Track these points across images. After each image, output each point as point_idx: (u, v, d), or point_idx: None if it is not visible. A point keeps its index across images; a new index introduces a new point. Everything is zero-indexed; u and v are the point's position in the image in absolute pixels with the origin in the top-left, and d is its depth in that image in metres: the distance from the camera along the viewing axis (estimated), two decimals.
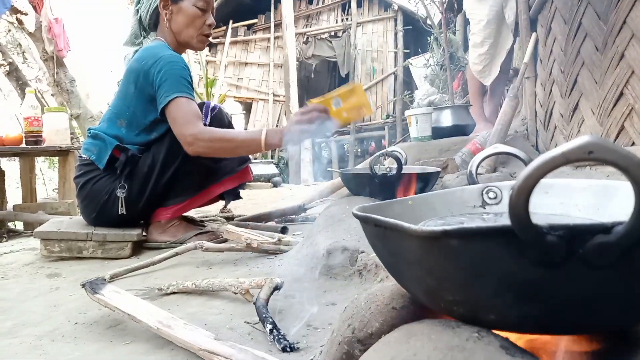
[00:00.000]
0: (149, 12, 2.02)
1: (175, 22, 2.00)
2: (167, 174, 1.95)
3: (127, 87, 1.95)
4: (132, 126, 1.98)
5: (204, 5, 2.00)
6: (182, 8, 1.98)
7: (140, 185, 1.94)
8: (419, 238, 0.52)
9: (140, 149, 1.98)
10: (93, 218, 2.01)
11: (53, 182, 10.10)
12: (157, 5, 1.99)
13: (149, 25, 2.08)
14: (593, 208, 0.77)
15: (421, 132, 3.45)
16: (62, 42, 6.79)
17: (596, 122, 1.94)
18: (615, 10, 1.74)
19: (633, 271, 0.46)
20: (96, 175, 1.97)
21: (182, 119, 1.82)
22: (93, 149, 1.99)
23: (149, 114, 1.94)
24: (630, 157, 0.40)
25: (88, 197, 1.98)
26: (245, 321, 1.08)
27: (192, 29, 2.01)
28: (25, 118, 3.10)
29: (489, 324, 0.54)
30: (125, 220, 1.97)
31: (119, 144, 1.93)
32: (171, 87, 1.84)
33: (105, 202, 1.95)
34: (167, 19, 1.99)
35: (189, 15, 1.98)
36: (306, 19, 12.15)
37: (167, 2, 1.98)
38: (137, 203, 1.96)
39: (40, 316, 1.27)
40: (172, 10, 1.99)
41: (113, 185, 1.94)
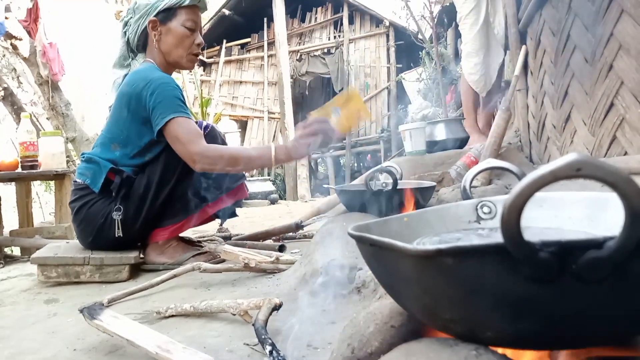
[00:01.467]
0: (137, 33, 2.02)
1: (164, 42, 2.00)
2: (162, 194, 1.95)
3: (120, 112, 1.95)
4: (126, 149, 1.97)
5: (192, 25, 2.01)
6: (171, 29, 1.99)
7: (136, 206, 1.94)
8: (413, 257, 0.53)
9: (135, 171, 1.98)
10: (90, 242, 1.99)
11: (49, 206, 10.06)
12: (146, 26, 2.00)
13: (137, 46, 2.07)
14: (587, 220, 0.77)
15: (415, 146, 3.47)
16: (57, 66, 6.82)
17: (588, 132, 1.96)
18: (603, 22, 1.76)
19: (626, 285, 0.47)
20: (91, 199, 1.97)
21: (185, 138, 1.82)
22: (87, 173, 1.99)
23: (143, 136, 1.94)
24: (618, 173, 0.41)
25: (84, 221, 1.97)
26: (244, 343, 1.08)
27: (182, 49, 2.02)
28: (21, 143, 3.10)
29: (486, 341, 0.54)
30: (123, 242, 1.96)
31: (113, 166, 1.93)
32: (166, 108, 1.84)
33: (102, 225, 1.94)
34: (156, 40, 2.00)
35: (178, 35, 1.99)
36: (299, 37, 12.26)
37: (155, 24, 1.98)
38: (134, 224, 1.95)
39: (39, 343, 1.26)
40: (161, 31, 1.99)
41: (109, 208, 1.94)
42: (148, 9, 1.98)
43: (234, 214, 2.33)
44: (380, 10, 11.46)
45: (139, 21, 2.00)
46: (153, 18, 1.98)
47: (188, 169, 1.91)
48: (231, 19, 11.94)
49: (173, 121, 1.83)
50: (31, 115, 4.49)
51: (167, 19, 1.99)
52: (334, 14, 11.95)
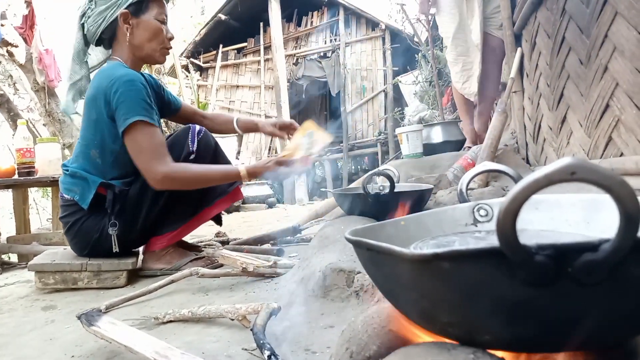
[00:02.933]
0: (102, 26, 1.90)
1: (136, 36, 1.92)
2: (158, 204, 1.93)
3: (89, 115, 1.87)
4: (105, 154, 1.88)
5: (164, 18, 1.96)
6: (143, 21, 1.92)
7: (131, 219, 1.91)
8: (410, 261, 0.53)
9: (125, 182, 1.91)
10: (86, 254, 1.97)
11: (47, 212, 10.04)
12: (115, 19, 1.89)
13: (101, 40, 1.97)
14: (583, 222, 0.78)
15: (412, 149, 3.48)
16: (53, 73, 6.82)
17: (584, 134, 1.97)
18: (597, 24, 1.77)
19: (622, 287, 0.47)
20: (83, 215, 1.91)
21: (149, 150, 1.75)
22: (75, 189, 1.91)
23: (116, 139, 1.84)
24: (612, 177, 0.41)
25: (78, 236, 1.93)
26: (242, 348, 1.08)
27: (155, 42, 1.95)
28: (18, 149, 3.09)
29: (484, 345, 0.54)
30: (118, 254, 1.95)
31: (103, 180, 1.87)
32: (130, 108, 1.75)
33: (97, 239, 1.91)
34: (128, 33, 1.91)
35: (152, 29, 1.93)
36: (295, 41, 12.27)
37: (127, 16, 1.89)
38: (130, 237, 1.94)
39: (37, 350, 1.26)
40: (133, 24, 1.91)
41: (103, 222, 1.89)
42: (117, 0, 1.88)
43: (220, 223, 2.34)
44: (376, 14, 11.50)
45: (105, 12, 1.89)
46: (124, 10, 1.88)
47: None
48: (227, 24, 11.95)
49: (135, 126, 1.75)
50: (28, 121, 4.48)
51: (138, 12, 1.91)
52: (330, 17, 11.97)
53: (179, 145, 1.96)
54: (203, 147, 1.99)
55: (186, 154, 1.94)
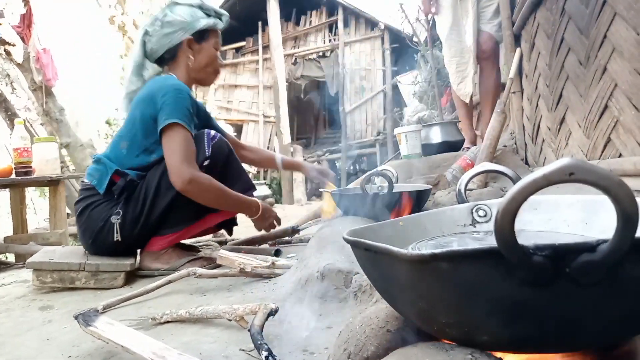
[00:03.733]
0: (166, 47, 2.06)
1: (197, 61, 2.10)
2: (163, 202, 1.93)
3: (133, 114, 2.00)
4: (133, 147, 1.99)
5: (219, 47, 2.18)
6: (205, 48, 2.10)
7: (135, 212, 1.93)
8: (408, 262, 0.53)
9: (139, 175, 1.98)
10: (90, 244, 1.99)
11: (44, 212, 10.03)
12: (180, 42, 2.05)
13: (161, 58, 2.11)
14: (581, 223, 0.78)
15: (411, 149, 3.48)
16: (51, 72, 6.82)
17: (583, 134, 1.97)
18: (596, 25, 1.77)
19: (620, 288, 0.47)
20: (95, 201, 1.98)
21: (183, 152, 1.84)
22: (95, 174, 2.01)
23: (149, 135, 1.96)
24: (610, 178, 0.41)
25: (85, 222, 1.98)
26: (240, 349, 1.07)
27: (211, 67, 2.15)
28: (15, 149, 3.08)
29: (482, 345, 0.54)
30: (121, 247, 1.96)
31: (118, 168, 1.95)
32: (173, 111, 1.87)
33: (101, 228, 1.94)
34: (192, 57, 2.08)
35: (210, 56, 2.12)
36: (294, 41, 12.28)
37: (191, 42, 2.06)
38: (133, 230, 1.94)
39: (34, 350, 1.25)
40: (195, 50, 2.08)
41: (110, 212, 1.94)
42: (185, 25, 2.04)
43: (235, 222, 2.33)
44: (375, 14, 11.52)
45: (172, 36, 2.04)
46: (190, 37, 2.05)
47: None
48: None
49: (175, 127, 1.86)
50: (25, 121, 4.48)
51: (201, 39, 2.09)
52: (329, 17, 11.99)
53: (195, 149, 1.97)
54: (216, 152, 1.99)
55: (202, 158, 1.94)
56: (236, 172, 2.08)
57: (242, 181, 2.10)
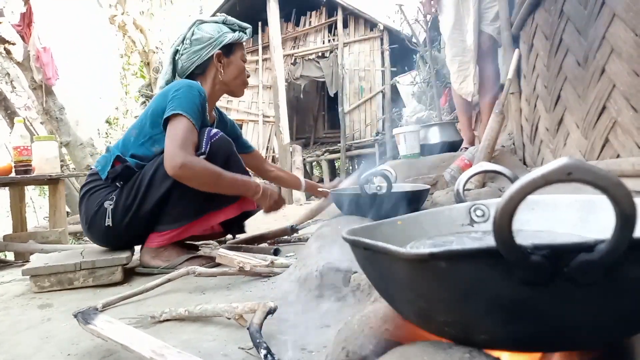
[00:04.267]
0: (195, 63, 2.16)
1: (226, 74, 2.20)
2: (156, 194, 1.94)
3: (149, 106, 2.07)
4: (140, 135, 2.06)
5: (245, 59, 2.29)
6: (233, 62, 2.21)
7: (128, 199, 1.95)
8: (407, 261, 0.53)
9: (139, 164, 2.02)
10: (87, 229, 2.05)
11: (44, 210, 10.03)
12: (209, 57, 2.15)
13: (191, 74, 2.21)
14: (579, 223, 0.78)
15: (410, 149, 3.48)
16: (51, 71, 6.81)
17: (581, 135, 1.97)
18: (595, 26, 1.78)
19: (618, 287, 0.47)
20: (96, 186, 2.03)
21: (180, 140, 1.86)
22: (102, 161, 2.09)
23: (156, 126, 2.01)
24: (608, 177, 0.41)
25: (84, 206, 2.04)
26: (239, 347, 1.08)
27: (239, 79, 2.26)
28: (15, 147, 3.08)
29: (480, 344, 0.55)
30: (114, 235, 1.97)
31: (119, 154, 2.01)
32: (181, 104, 1.93)
33: (96, 212, 1.98)
34: (221, 71, 2.18)
35: (239, 68, 2.23)
36: (293, 41, 12.27)
37: (220, 56, 2.16)
38: (123, 217, 1.95)
39: (33, 349, 1.25)
40: (224, 63, 2.19)
41: (105, 197, 1.99)
42: (213, 41, 2.14)
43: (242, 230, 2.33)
44: (374, 14, 11.50)
45: (201, 52, 2.14)
46: (219, 51, 2.15)
47: None
48: None
49: (179, 117, 1.91)
50: (25, 119, 4.47)
51: (229, 53, 2.20)
52: (328, 17, 11.98)
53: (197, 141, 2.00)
54: (215, 150, 1.97)
55: (198, 154, 1.93)
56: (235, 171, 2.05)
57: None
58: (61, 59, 7.75)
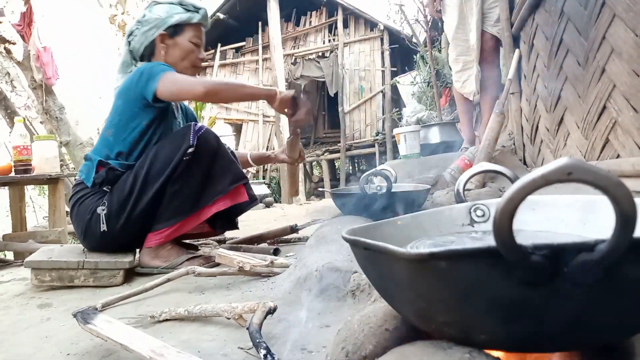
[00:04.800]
0: (144, 44, 2.14)
1: (171, 55, 2.15)
2: (149, 192, 1.94)
3: (116, 103, 2.06)
4: (119, 132, 2.04)
5: (198, 41, 2.19)
6: (179, 43, 2.14)
7: (120, 201, 1.94)
8: (407, 261, 0.53)
9: (123, 164, 2.01)
10: (83, 239, 2.02)
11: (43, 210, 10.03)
12: (154, 39, 2.12)
13: (142, 56, 2.17)
14: (579, 223, 0.78)
15: (410, 149, 3.49)
16: (51, 71, 6.81)
17: (581, 135, 1.97)
18: (595, 26, 1.77)
19: (618, 287, 0.47)
20: (84, 195, 2.01)
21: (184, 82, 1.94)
22: (84, 169, 2.07)
23: (135, 118, 2.02)
24: (609, 177, 0.41)
25: (76, 216, 2.03)
26: (238, 347, 1.08)
27: (187, 61, 2.17)
28: (15, 147, 3.08)
29: (480, 344, 0.55)
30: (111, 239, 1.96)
31: (101, 159, 2.00)
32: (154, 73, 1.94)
33: (89, 220, 1.96)
34: (164, 52, 2.14)
35: (185, 49, 2.15)
36: (294, 41, 12.28)
37: (164, 37, 2.12)
38: (118, 220, 1.95)
39: (32, 348, 1.25)
40: (169, 45, 2.14)
41: (96, 204, 1.97)
42: (158, 22, 2.11)
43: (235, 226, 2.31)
44: (374, 14, 11.52)
45: (147, 33, 2.12)
46: (163, 32, 2.11)
47: (181, 168, 1.91)
48: (226, 23, 11.95)
49: (164, 76, 1.93)
50: (25, 119, 4.48)
51: (175, 34, 2.14)
52: (329, 17, 11.99)
53: (177, 137, 1.98)
54: (203, 143, 1.96)
55: (185, 147, 1.92)
56: (225, 163, 2.06)
57: (231, 172, 2.07)
58: (61, 59, 7.75)
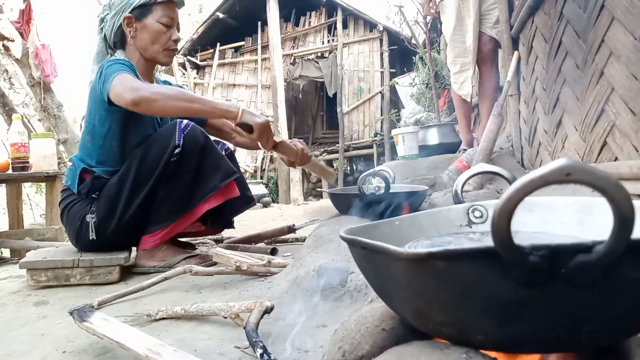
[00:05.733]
0: (114, 30, 2.00)
1: (139, 39, 1.99)
2: (138, 196, 1.91)
3: (89, 102, 1.96)
4: (95, 138, 1.95)
5: (168, 21, 2.00)
6: (146, 25, 1.98)
7: (108, 208, 1.92)
8: (405, 260, 0.53)
9: (108, 171, 1.96)
10: (75, 244, 2.03)
11: (40, 208, 10.00)
12: (121, 23, 1.98)
13: (115, 43, 2.05)
14: (577, 225, 0.78)
15: (408, 150, 3.49)
16: (49, 68, 6.79)
17: (579, 138, 1.97)
18: (594, 29, 1.78)
19: (615, 289, 0.47)
20: (72, 201, 2.00)
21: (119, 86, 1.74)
22: (69, 174, 2.04)
23: (104, 122, 1.92)
24: (607, 179, 0.41)
25: (66, 223, 2.03)
26: (235, 346, 1.07)
27: (158, 44, 2.00)
28: (12, 144, 3.08)
29: (477, 344, 0.55)
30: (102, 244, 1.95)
31: (85, 166, 1.96)
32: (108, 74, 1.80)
33: (79, 227, 1.95)
34: (131, 37, 1.99)
35: (154, 31, 1.98)
36: (293, 41, 12.28)
37: (130, 20, 1.97)
38: (107, 227, 1.93)
39: (28, 346, 1.25)
40: (136, 28, 1.98)
41: (85, 210, 1.95)
42: (123, 5, 1.96)
43: (231, 225, 2.30)
44: (374, 15, 11.53)
45: (114, 18, 1.98)
46: (128, 15, 1.96)
47: (170, 170, 1.89)
48: (225, 22, 11.94)
49: (115, 77, 1.77)
50: (23, 116, 4.46)
51: (142, 16, 1.97)
52: (328, 18, 11.99)
53: (163, 138, 1.92)
54: (189, 142, 1.91)
55: (172, 147, 1.88)
56: (215, 159, 1.99)
57: (222, 168, 2.00)
58: (60, 57, 7.74)
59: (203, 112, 1.79)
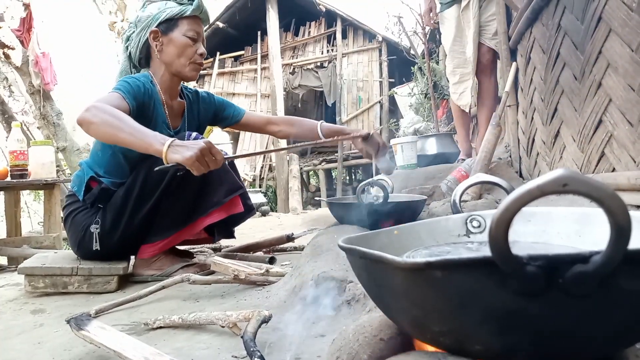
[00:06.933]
0: (139, 46, 2.00)
1: (166, 53, 1.99)
2: (143, 209, 1.91)
3: None
4: (105, 149, 1.96)
5: (194, 35, 2.00)
6: (173, 39, 1.97)
7: (113, 220, 1.92)
8: (403, 270, 0.53)
9: (115, 183, 1.96)
10: (76, 251, 2.02)
11: (38, 215, 9.98)
12: (147, 38, 1.98)
13: (140, 60, 2.06)
14: (575, 235, 0.78)
15: (407, 160, 3.50)
16: (49, 76, 6.82)
17: (577, 148, 1.98)
18: (591, 41, 1.79)
19: (612, 299, 0.47)
20: (77, 208, 2.00)
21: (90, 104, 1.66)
22: (76, 180, 2.03)
23: None
24: (604, 189, 0.42)
25: (69, 229, 2.02)
26: (233, 355, 1.07)
27: (184, 58, 1.99)
28: (11, 152, 3.08)
29: (475, 355, 0.55)
30: (105, 254, 1.95)
31: (94, 175, 1.96)
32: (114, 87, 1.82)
33: (82, 237, 1.95)
34: (157, 51, 1.98)
35: (180, 45, 1.97)
36: (292, 50, 12.32)
37: (157, 34, 1.97)
38: (111, 239, 1.93)
39: (25, 354, 1.25)
40: (163, 42, 1.98)
41: (89, 220, 1.95)
42: (149, 20, 1.97)
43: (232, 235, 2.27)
44: (373, 25, 11.59)
45: (141, 34, 1.99)
46: (154, 29, 1.96)
47: (175, 184, 1.89)
48: (225, 32, 11.99)
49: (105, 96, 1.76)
50: (22, 124, 4.47)
51: (168, 30, 1.98)
52: (328, 28, 12.05)
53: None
54: None
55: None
56: (221, 174, 1.94)
57: (227, 183, 1.99)
58: (60, 65, 7.77)
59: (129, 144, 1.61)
